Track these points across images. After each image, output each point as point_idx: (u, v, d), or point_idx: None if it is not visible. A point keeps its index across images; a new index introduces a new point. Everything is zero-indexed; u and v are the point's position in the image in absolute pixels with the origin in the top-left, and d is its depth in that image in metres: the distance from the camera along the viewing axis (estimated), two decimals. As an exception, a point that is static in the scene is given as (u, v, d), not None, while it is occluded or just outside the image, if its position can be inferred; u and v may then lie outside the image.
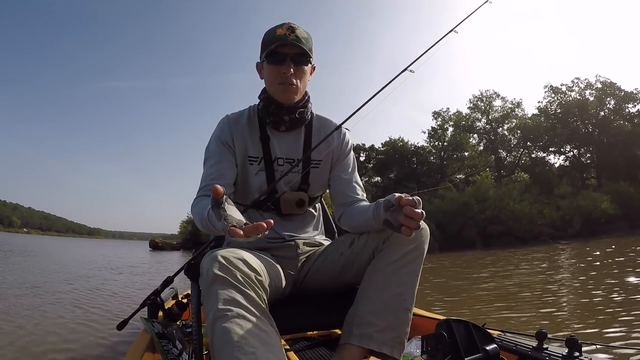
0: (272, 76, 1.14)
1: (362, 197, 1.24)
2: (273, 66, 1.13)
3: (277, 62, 1.12)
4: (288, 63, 1.11)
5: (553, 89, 26.52)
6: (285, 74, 1.11)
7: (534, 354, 1.01)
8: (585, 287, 4.20)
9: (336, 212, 1.27)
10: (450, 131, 30.05)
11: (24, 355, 2.25)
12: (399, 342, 1.01)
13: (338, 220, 1.27)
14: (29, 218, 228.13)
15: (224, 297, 0.81)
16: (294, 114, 1.17)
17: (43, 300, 4.00)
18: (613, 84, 24.89)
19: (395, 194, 0.94)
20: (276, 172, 1.20)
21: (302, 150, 1.22)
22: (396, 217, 0.91)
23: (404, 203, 0.89)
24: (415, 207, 0.88)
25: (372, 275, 1.06)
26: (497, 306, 3.46)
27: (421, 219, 0.89)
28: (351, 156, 1.30)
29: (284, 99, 1.15)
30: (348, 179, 1.26)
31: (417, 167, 30.37)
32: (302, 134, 1.24)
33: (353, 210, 1.19)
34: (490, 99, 28.91)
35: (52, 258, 11.81)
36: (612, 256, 7.34)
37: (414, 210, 0.87)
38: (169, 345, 1.12)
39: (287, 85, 1.13)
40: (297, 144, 1.22)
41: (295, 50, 1.11)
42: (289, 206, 1.21)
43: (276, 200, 1.19)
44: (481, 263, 8.23)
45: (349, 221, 1.20)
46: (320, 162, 1.23)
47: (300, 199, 1.20)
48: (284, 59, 1.11)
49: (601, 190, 18.69)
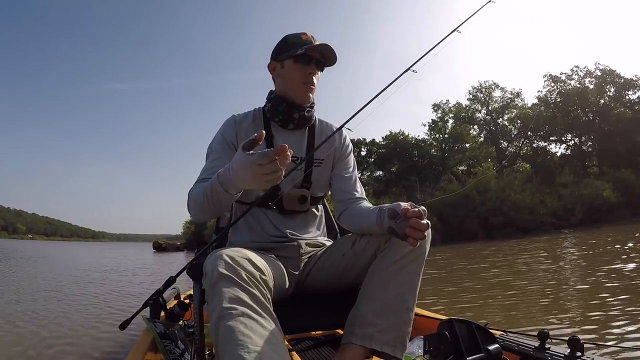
0: (298, 75, 1.20)
1: (361, 195, 1.27)
2: (300, 66, 1.20)
3: (305, 62, 1.20)
4: (314, 65, 1.21)
5: (552, 78, 26.39)
6: (311, 74, 1.20)
7: (536, 354, 1.00)
8: (585, 280, 4.19)
9: (336, 210, 1.30)
10: (450, 123, 30.00)
11: (27, 354, 2.28)
12: (400, 341, 1.02)
13: (338, 219, 1.30)
14: (33, 224, 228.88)
15: (229, 296, 0.81)
16: (303, 111, 1.23)
17: (49, 302, 4.05)
18: (613, 72, 24.76)
19: (400, 204, 0.95)
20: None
21: (306, 150, 1.26)
22: (401, 226, 0.93)
23: (410, 215, 0.91)
24: (421, 218, 0.90)
25: (373, 275, 1.07)
26: (497, 301, 3.46)
27: (427, 230, 0.91)
28: (351, 156, 1.35)
29: (303, 98, 1.22)
30: (348, 177, 1.29)
31: (418, 160, 30.31)
32: (305, 135, 1.28)
33: (354, 210, 1.21)
34: (490, 89, 28.84)
35: (62, 262, 11.88)
36: (613, 245, 7.33)
37: (420, 222, 0.90)
38: (171, 346, 1.11)
39: (309, 85, 1.21)
40: (301, 143, 1.26)
41: (319, 55, 1.21)
42: (292, 202, 1.23)
43: (278, 197, 1.20)
44: (482, 255, 8.24)
45: (349, 221, 1.23)
46: (322, 161, 1.27)
47: (302, 195, 1.23)
48: (311, 61, 1.20)
49: (603, 178, 18.59)
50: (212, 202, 1.02)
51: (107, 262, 12.17)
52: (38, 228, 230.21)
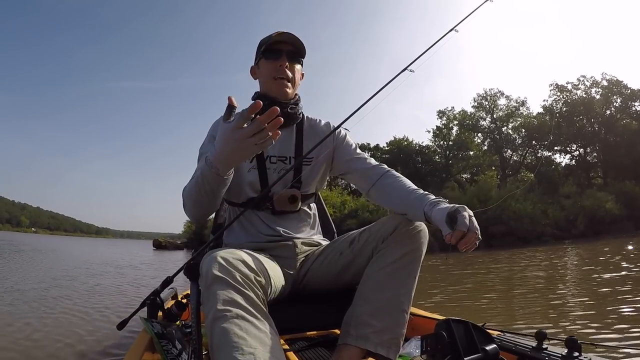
0: (268, 71, 1.20)
1: (377, 164, 1.25)
2: (269, 61, 1.20)
3: (273, 57, 1.20)
4: (283, 57, 1.20)
5: (559, 87, 26.31)
6: (281, 66, 1.19)
7: (534, 354, 1.00)
8: (582, 284, 4.21)
9: (363, 189, 1.26)
10: (455, 130, 29.94)
11: (25, 355, 2.27)
12: (395, 343, 1.02)
13: (367, 194, 1.25)
14: (37, 218, 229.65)
15: (223, 298, 0.82)
16: (286, 108, 1.20)
17: (48, 298, 4.05)
18: (619, 82, 24.65)
19: (448, 232, 0.94)
20: (268, 169, 1.21)
21: (295, 148, 1.25)
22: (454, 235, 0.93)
23: (460, 247, 0.93)
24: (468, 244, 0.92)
25: (370, 276, 1.07)
26: (494, 302, 3.48)
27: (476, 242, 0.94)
28: (348, 138, 1.31)
29: (279, 92, 1.20)
30: (358, 156, 1.27)
31: (422, 166, 30.27)
32: (293, 133, 1.26)
33: (386, 185, 1.18)
34: (495, 97, 28.73)
35: (71, 258, 11.95)
36: (613, 256, 7.33)
37: (470, 244, 0.93)
38: (168, 346, 1.10)
39: (282, 79, 1.19)
40: (289, 142, 1.25)
41: (289, 47, 1.20)
42: (282, 203, 1.22)
43: (269, 198, 1.20)
44: (481, 263, 8.25)
45: (383, 195, 1.19)
46: (311, 160, 1.24)
47: (292, 195, 1.22)
48: (280, 54, 1.20)
49: (606, 189, 18.47)
50: (204, 191, 1.00)
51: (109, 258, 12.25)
52: (42, 222, 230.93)
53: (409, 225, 1.08)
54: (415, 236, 1.07)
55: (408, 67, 1.22)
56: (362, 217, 16.52)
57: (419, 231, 1.08)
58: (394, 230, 1.07)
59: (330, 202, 19.40)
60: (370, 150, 31.68)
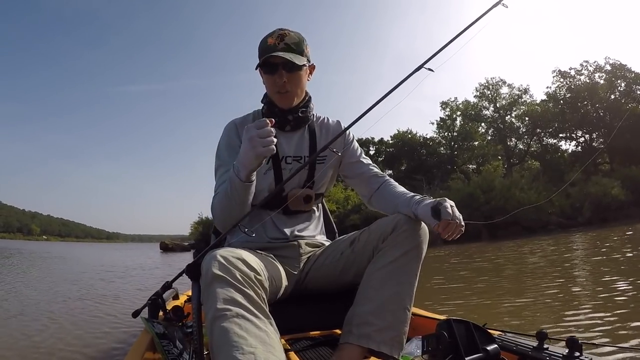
0: (268, 85, 1.19)
1: (379, 172, 1.31)
2: (268, 76, 1.17)
3: (270, 72, 1.16)
4: (280, 72, 1.14)
5: (562, 74, 26.02)
6: (278, 82, 1.15)
7: (535, 354, 1.00)
8: (585, 280, 4.15)
9: (364, 196, 1.32)
10: (458, 121, 29.80)
11: (25, 355, 2.32)
12: (397, 341, 1.02)
13: (369, 201, 1.30)
14: (47, 225, 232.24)
15: (223, 297, 0.82)
16: (297, 113, 1.22)
17: (55, 302, 4.14)
18: (623, 66, 24.30)
19: (435, 223, 1.03)
20: (284, 170, 1.22)
21: (309, 148, 1.27)
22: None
23: (444, 237, 1.02)
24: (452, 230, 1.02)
25: (371, 275, 1.07)
26: (496, 301, 3.42)
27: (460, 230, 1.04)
28: (354, 142, 1.35)
29: (282, 105, 1.21)
30: (363, 162, 1.32)
31: (427, 158, 30.21)
32: (306, 133, 1.28)
33: (386, 191, 1.25)
34: (497, 86, 28.56)
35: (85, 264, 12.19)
36: (619, 246, 7.20)
37: (454, 234, 1.04)
38: (169, 345, 1.11)
39: (282, 93, 1.17)
40: (304, 142, 1.27)
41: (284, 59, 1.14)
42: (297, 202, 1.23)
43: (283, 198, 1.20)
44: (484, 255, 8.24)
45: (382, 202, 1.25)
46: (325, 158, 1.25)
47: (307, 195, 1.24)
48: (276, 69, 1.14)
49: (612, 175, 18.21)
50: (234, 200, 1.03)
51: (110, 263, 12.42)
52: (52, 229, 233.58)
53: (408, 224, 1.09)
54: (415, 235, 1.08)
55: (424, 64, 1.11)
56: (365, 212, 16.53)
57: (419, 230, 1.09)
58: (393, 230, 1.09)
59: (334, 198, 19.44)
60: (375, 145, 31.71)
